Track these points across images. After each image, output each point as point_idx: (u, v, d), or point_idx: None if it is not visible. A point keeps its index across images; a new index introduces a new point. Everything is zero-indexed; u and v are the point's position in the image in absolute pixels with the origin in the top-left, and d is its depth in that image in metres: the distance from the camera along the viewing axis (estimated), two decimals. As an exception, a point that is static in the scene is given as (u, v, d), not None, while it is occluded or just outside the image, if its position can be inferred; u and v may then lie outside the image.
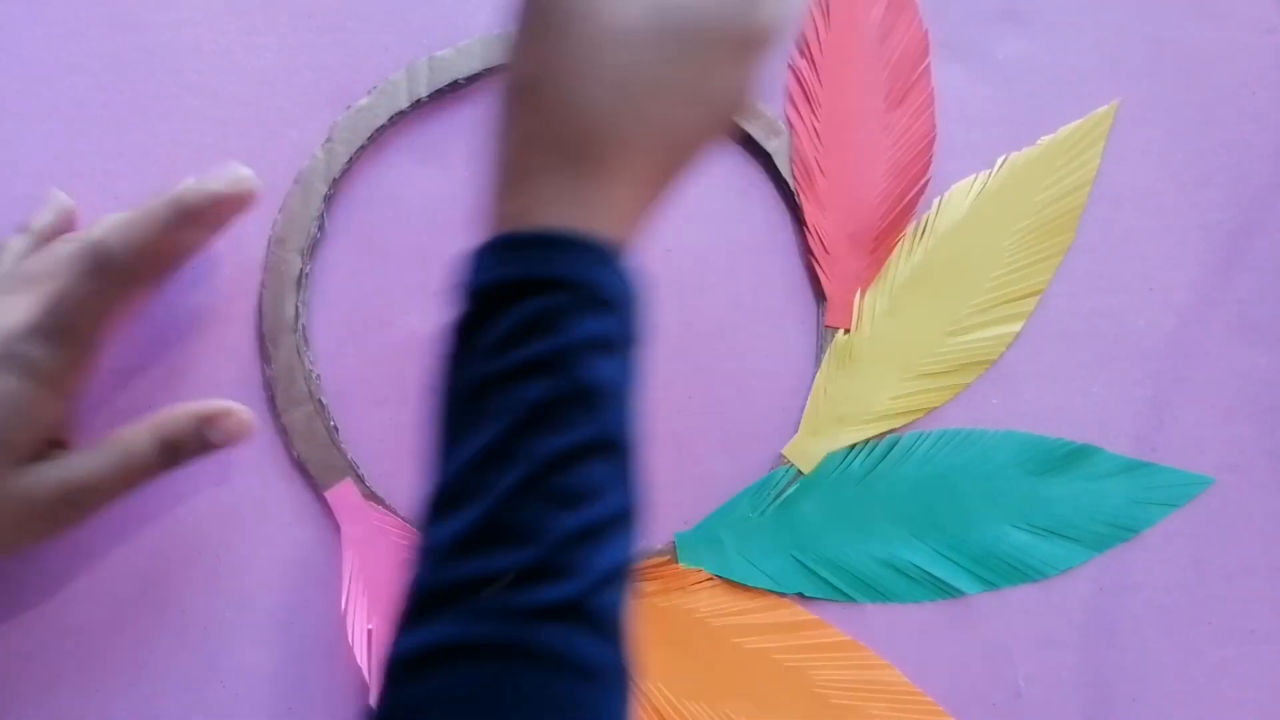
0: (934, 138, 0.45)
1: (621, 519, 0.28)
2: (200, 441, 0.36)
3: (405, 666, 0.26)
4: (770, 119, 0.44)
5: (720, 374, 0.43)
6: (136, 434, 0.35)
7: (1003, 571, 0.42)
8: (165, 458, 0.36)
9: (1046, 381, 0.44)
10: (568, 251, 0.28)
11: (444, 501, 0.28)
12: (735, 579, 0.41)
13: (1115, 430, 0.43)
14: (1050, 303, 0.44)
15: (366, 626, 0.39)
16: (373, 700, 0.38)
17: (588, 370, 0.27)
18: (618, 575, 0.27)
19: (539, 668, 0.25)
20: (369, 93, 0.43)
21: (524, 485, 0.26)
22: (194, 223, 0.36)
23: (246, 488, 0.40)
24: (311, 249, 0.42)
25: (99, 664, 0.35)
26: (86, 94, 0.42)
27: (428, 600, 0.27)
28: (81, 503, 0.35)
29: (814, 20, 0.45)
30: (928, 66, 0.45)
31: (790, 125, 0.44)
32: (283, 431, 0.40)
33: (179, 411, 0.36)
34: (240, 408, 0.37)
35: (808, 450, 0.42)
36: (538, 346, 0.27)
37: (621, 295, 0.29)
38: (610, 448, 0.28)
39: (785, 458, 0.42)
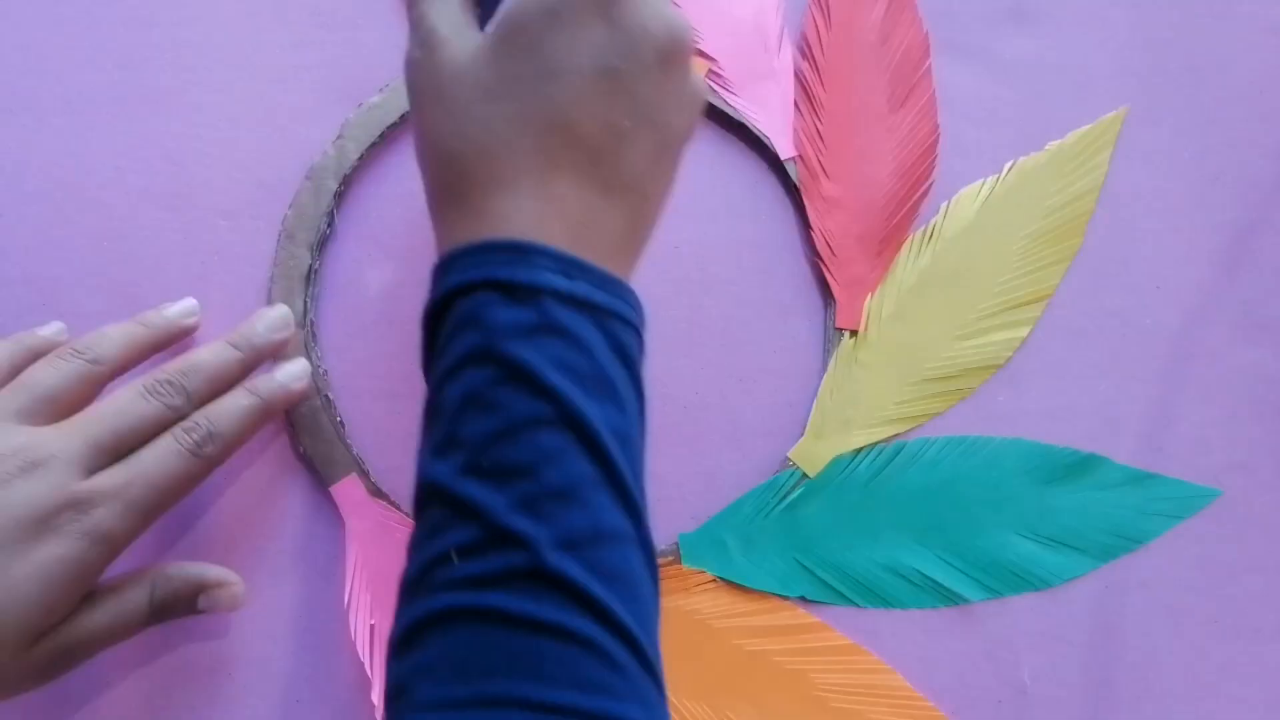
0: (937, 139, 0.45)
1: (575, 486, 0.29)
2: (190, 606, 0.37)
3: (393, 649, 0.29)
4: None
5: (727, 374, 0.43)
6: (133, 591, 0.36)
7: (1007, 580, 0.42)
8: (155, 616, 0.36)
9: (1053, 380, 0.44)
10: (477, 256, 0.31)
11: (416, 505, 0.30)
12: (738, 581, 0.41)
13: (1122, 429, 0.43)
14: (1058, 301, 0.44)
15: (369, 621, 0.39)
16: (374, 696, 0.38)
17: (513, 353, 0.29)
18: (580, 539, 0.28)
19: (493, 626, 0.27)
20: (380, 90, 0.43)
21: (466, 469, 0.29)
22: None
23: (253, 482, 0.40)
24: (321, 245, 0.42)
25: (106, 656, 0.35)
26: (98, 90, 0.43)
27: (406, 589, 0.29)
28: (75, 656, 0.35)
29: (815, 22, 0.45)
30: (929, 67, 0.45)
31: (794, 127, 0.45)
32: (289, 426, 0.41)
33: (178, 575, 0.37)
34: (236, 580, 0.38)
35: (814, 453, 0.42)
36: (468, 339, 0.30)
37: (547, 285, 0.30)
38: (554, 421, 0.29)
39: (791, 460, 0.42)
